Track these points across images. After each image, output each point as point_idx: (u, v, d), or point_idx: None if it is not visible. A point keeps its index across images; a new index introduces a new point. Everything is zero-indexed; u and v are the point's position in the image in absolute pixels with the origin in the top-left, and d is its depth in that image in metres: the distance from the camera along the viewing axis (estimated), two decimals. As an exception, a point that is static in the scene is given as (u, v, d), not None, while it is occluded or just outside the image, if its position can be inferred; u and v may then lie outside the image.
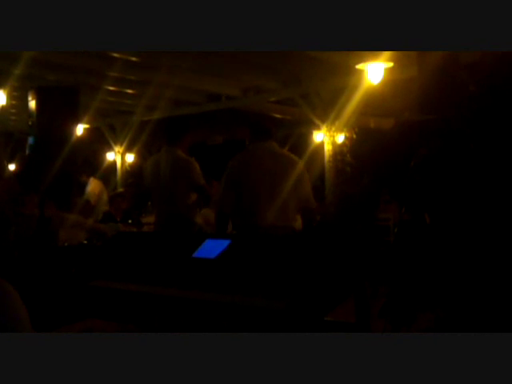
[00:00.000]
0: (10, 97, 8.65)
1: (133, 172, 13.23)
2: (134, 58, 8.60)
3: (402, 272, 2.33)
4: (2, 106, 8.31)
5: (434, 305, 2.25)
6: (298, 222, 7.55)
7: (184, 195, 5.03)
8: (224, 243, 2.45)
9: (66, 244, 4.92)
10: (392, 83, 8.08)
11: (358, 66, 7.90)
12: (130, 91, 10.83)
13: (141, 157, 13.74)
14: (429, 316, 2.20)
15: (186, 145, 5.17)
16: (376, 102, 9.02)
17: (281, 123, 13.54)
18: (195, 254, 2.49)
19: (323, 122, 10.07)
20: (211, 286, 2.27)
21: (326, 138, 10.08)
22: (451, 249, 2.65)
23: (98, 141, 13.68)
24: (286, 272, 2.17)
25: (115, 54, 8.28)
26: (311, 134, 11.71)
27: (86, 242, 5.17)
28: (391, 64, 7.75)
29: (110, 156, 13.74)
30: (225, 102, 11.34)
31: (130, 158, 13.84)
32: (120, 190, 9.64)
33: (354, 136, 9.94)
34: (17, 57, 7.34)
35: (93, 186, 8.14)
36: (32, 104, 4.69)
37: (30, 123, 4.75)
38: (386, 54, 7.37)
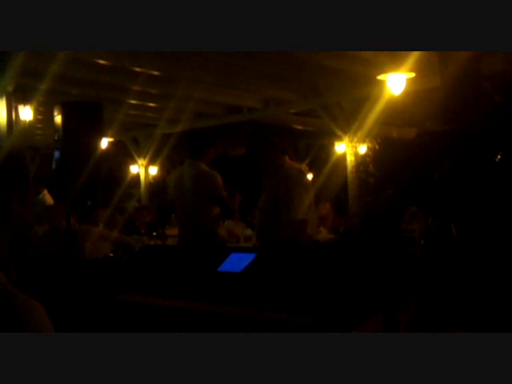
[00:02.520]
0: (36, 112, 8.79)
1: (154, 189, 13.32)
2: (155, 72, 8.69)
3: (430, 285, 2.31)
4: (29, 122, 8.44)
5: (464, 318, 2.22)
6: (322, 234, 7.55)
7: (207, 208, 5.05)
8: (249, 257, 2.45)
9: (92, 257, 4.97)
10: (414, 93, 8.04)
11: (379, 77, 7.88)
12: (152, 105, 10.94)
13: (164, 169, 13.83)
14: (458, 330, 2.18)
15: (209, 158, 5.19)
16: (398, 112, 8.98)
17: (302, 134, 13.55)
18: (220, 268, 2.49)
19: (345, 132, 10.05)
20: (237, 299, 2.27)
21: (348, 148, 10.05)
22: (479, 260, 2.61)
23: (122, 154, 13.82)
24: (312, 286, 2.16)
25: (137, 69, 8.38)
26: (333, 145, 11.68)
27: (111, 254, 5.21)
28: (413, 74, 7.71)
29: (134, 169, 13.86)
30: (246, 114, 11.39)
31: (153, 170, 13.95)
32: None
33: (377, 146, 9.89)
34: (42, 73, 7.47)
35: (48, 196, 8.27)
36: (57, 119, 4.75)
37: (55, 138, 4.81)
38: (407, 64, 7.33)
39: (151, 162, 13.63)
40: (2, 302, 1.16)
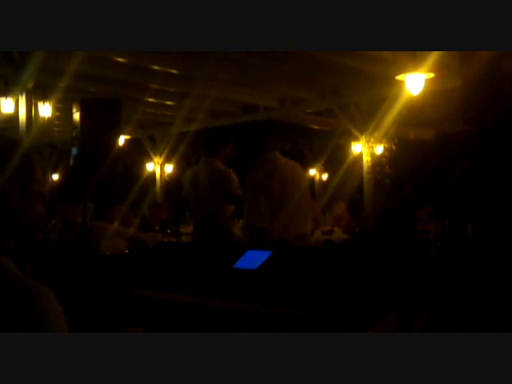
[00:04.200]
0: (54, 109, 8.88)
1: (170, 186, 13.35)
2: (173, 71, 8.73)
3: (445, 286, 2.29)
4: (48, 118, 8.53)
5: (480, 321, 2.20)
6: (337, 234, 7.52)
7: (222, 206, 5.05)
8: (265, 254, 2.45)
9: (108, 253, 5.00)
10: (432, 94, 8.00)
11: (398, 77, 7.84)
12: (169, 103, 11.00)
13: (179, 167, 13.89)
14: (473, 332, 2.16)
15: (224, 156, 5.19)
16: (416, 113, 8.94)
17: (318, 134, 13.53)
18: (236, 265, 2.49)
19: (362, 132, 10.02)
20: (252, 296, 2.27)
21: (365, 149, 10.01)
22: (496, 261, 2.59)
23: (138, 151, 13.91)
24: (328, 284, 2.16)
25: (155, 67, 8.43)
26: (349, 145, 11.66)
27: (127, 251, 5.24)
28: (432, 75, 7.66)
29: (150, 166, 13.94)
30: (262, 113, 11.40)
31: (169, 168, 14.01)
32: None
33: (394, 147, 9.85)
34: (61, 70, 7.55)
35: None
36: (76, 116, 4.78)
37: (73, 134, 4.84)
38: (427, 64, 7.29)
39: (167, 160, 13.70)
40: (13, 289, 1.20)
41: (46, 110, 8.40)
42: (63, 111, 10.03)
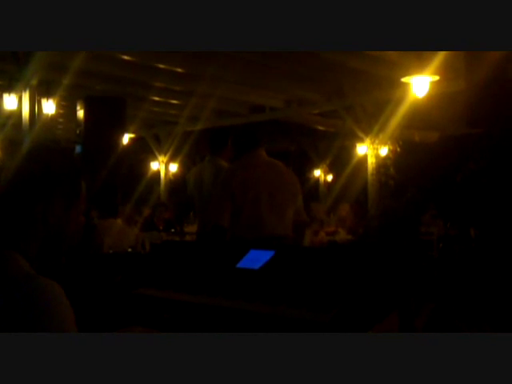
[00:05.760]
0: (58, 106, 8.89)
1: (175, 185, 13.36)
2: (178, 69, 8.74)
3: (447, 287, 2.29)
4: (51, 115, 8.54)
5: (481, 321, 2.20)
6: (341, 235, 7.51)
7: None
8: (268, 254, 2.44)
9: (111, 251, 5.01)
10: (437, 96, 7.99)
11: (403, 79, 7.83)
12: (174, 101, 11.00)
13: (184, 166, 13.91)
14: (475, 331, 2.15)
15: (229, 155, 5.19)
16: (421, 115, 8.92)
17: (323, 135, 13.52)
18: (239, 265, 2.49)
19: (367, 134, 10.01)
20: (255, 296, 2.27)
21: (370, 150, 10.00)
22: (498, 264, 2.58)
23: (143, 150, 13.92)
24: (331, 284, 2.15)
25: (160, 65, 8.43)
26: (354, 146, 11.65)
27: (130, 249, 5.25)
28: (437, 77, 7.65)
29: (154, 165, 13.95)
30: (268, 114, 11.40)
31: (174, 167, 14.02)
32: None
33: (398, 149, 9.84)
34: (65, 67, 7.55)
35: None
36: (80, 113, 4.80)
37: (77, 132, 4.86)
38: (432, 66, 7.28)
39: (172, 159, 13.71)
40: (18, 283, 1.22)
41: (49, 106, 8.42)
42: (67, 108, 10.04)
